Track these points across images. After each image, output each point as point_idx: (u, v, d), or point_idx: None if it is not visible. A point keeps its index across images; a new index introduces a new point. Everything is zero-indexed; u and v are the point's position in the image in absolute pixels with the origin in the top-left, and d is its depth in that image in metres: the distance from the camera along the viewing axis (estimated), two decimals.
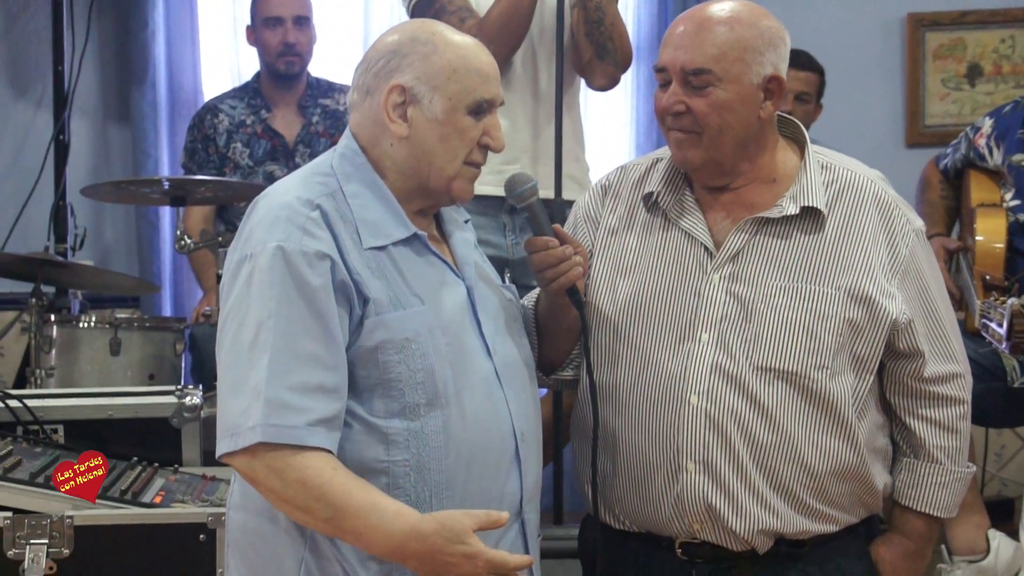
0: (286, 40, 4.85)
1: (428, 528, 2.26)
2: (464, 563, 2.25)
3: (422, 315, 2.39)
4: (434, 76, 2.42)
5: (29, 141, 5.36)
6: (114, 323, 4.30)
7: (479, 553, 2.26)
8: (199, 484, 3.18)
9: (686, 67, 2.59)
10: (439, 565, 2.26)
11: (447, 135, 2.44)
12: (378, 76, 2.45)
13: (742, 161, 2.66)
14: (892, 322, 2.63)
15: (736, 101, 2.60)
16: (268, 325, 2.29)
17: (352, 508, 2.27)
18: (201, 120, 4.97)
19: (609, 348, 2.70)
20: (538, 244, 2.57)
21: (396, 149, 2.46)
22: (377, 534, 2.27)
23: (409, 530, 2.26)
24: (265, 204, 2.42)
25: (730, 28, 2.59)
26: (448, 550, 2.26)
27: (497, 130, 2.50)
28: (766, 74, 2.61)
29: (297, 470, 2.26)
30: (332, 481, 2.27)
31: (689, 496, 2.61)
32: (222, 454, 2.32)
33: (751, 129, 2.64)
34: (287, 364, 2.28)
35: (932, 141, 5.35)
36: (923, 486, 2.74)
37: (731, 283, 2.63)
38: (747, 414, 2.59)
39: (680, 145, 2.65)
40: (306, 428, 2.27)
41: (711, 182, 2.69)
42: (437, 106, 2.43)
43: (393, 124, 2.44)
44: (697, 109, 2.60)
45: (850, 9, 5.53)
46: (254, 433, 2.26)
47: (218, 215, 4.98)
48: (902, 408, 2.73)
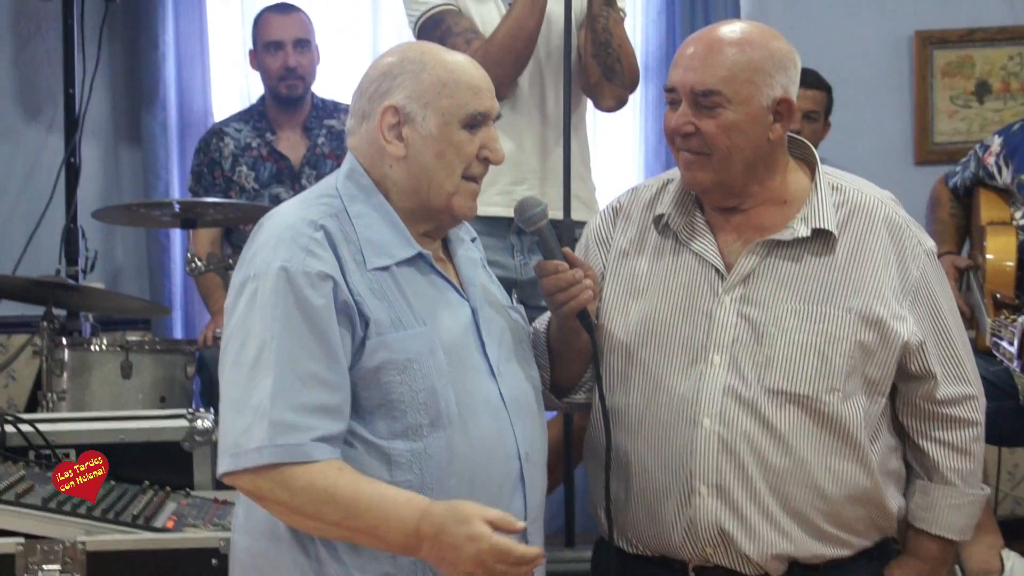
0: (287, 64, 4.85)
1: (438, 508, 2.27)
2: (468, 545, 2.23)
3: (424, 336, 2.40)
4: (424, 93, 2.44)
5: (40, 164, 5.37)
6: (125, 346, 4.31)
7: (484, 536, 2.23)
8: (211, 508, 3.18)
9: (696, 88, 2.59)
10: (446, 549, 2.25)
11: (443, 151, 2.45)
12: (372, 100, 2.47)
13: (752, 183, 2.66)
14: (904, 344, 2.62)
15: (745, 123, 2.60)
16: (271, 345, 2.31)
17: (363, 503, 2.28)
18: (207, 144, 4.98)
19: (621, 371, 2.70)
20: (548, 268, 2.58)
21: (395, 170, 2.47)
22: (391, 524, 2.27)
23: (421, 513, 2.26)
24: (270, 225, 2.44)
25: (740, 50, 2.59)
26: (454, 531, 2.24)
27: (495, 142, 2.50)
28: (776, 96, 2.61)
29: (303, 476, 2.27)
30: (338, 482, 2.28)
31: (702, 520, 2.60)
32: (224, 473, 2.33)
33: (760, 151, 2.63)
34: (290, 384, 2.29)
35: (941, 158, 5.35)
36: (937, 509, 2.73)
37: (742, 305, 2.63)
38: (759, 437, 2.58)
39: (689, 166, 2.65)
40: (310, 444, 2.28)
41: (721, 203, 2.69)
42: (431, 122, 2.44)
43: (390, 145, 2.45)
44: (706, 130, 2.59)
45: (858, 27, 5.53)
46: (260, 455, 2.27)
47: (226, 238, 4.98)
48: (915, 430, 2.72)
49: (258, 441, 2.27)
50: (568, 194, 3.73)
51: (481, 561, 2.23)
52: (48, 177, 5.19)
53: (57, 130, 5.26)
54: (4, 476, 3.04)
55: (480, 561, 2.23)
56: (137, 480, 3.26)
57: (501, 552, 2.23)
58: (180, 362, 4.41)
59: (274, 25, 4.89)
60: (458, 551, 2.24)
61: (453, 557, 2.25)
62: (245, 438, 2.29)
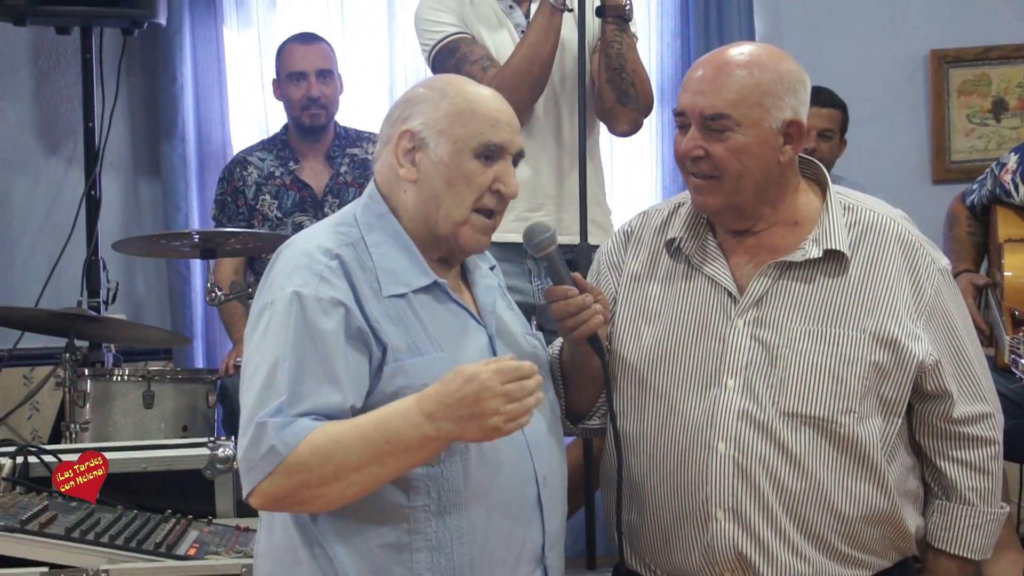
0: (310, 94, 4.88)
1: (431, 387, 2.30)
2: (469, 386, 2.25)
3: (440, 362, 2.41)
4: (440, 120, 2.47)
5: (61, 197, 5.41)
6: (147, 376, 4.33)
7: (477, 369, 2.26)
8: (233, 535, 3.19)
9: (704, 112, 2.59)
10: (456, 407, 2.26)
11: (453, 179, 2.47)
12: (393, 125, 2.51)
13: (763, 205, 2.66)
14: (919, 364, 2.61)
15: (755, 146, 2.59)
16: (283, 367, 2.34)
17: (366, 430, 2.30)
18: (231, 173, 5.00)
19: (634, 396, 2.70)
20: (557, 293, 2.58)
21: (408, 195, 2.50)
22: (398, 427, 2.29)
23: (416, 399, 2.30)
24: (287, 253, 2.47)
25: (749, 72, 2.59)
26: (451, 388, 2.27)
27: (510, 176, 2.51)
28: (785, 118, 2.60)
29: (305, 447, 2.28)
30: (336, 429, 2.31)
31: (719, 544, 2.60)
32: (248, 492, 2.35)
33: (771, 173, 2.63)
34: (295, 401, 2.32)
35: (959, 177, 5.34)
36: (956, 528, 2.72)
37: (756, 328, 2.63)
38: (775, 460, 2.58)
39: (699, 190, 2.65)
40: (308, 420, 2.31)
41: (732, 226, 2.69)
42: (443, 149, 2.47)
43: (402, 168, 2.49)
44: (716, 154, 2.59)
45: (873, 47, 5.53)
46: (273, 454, 2.29)
47: (248, 266, 5.00)
48: (932, 450, 2.72)
49: (265, 446, 2.30)
50: (584, 218, 3.74)
51: (490, 391, 2.24)
52: (69, 210, 5.24)
53: (77, 163, 5.30)
54: (28, 506, 3.06)
55: (490, 392, 2.24)
56: (159, 508, 3.27)
57: (503, 370, 2.26)
58: (202, 391, 4.43)
59: (297, 55, 4.93)
60: (465, 399, 2.25)
61: (467, 409, 2.26)
62: (253, 450, 2.32)
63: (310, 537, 2.42)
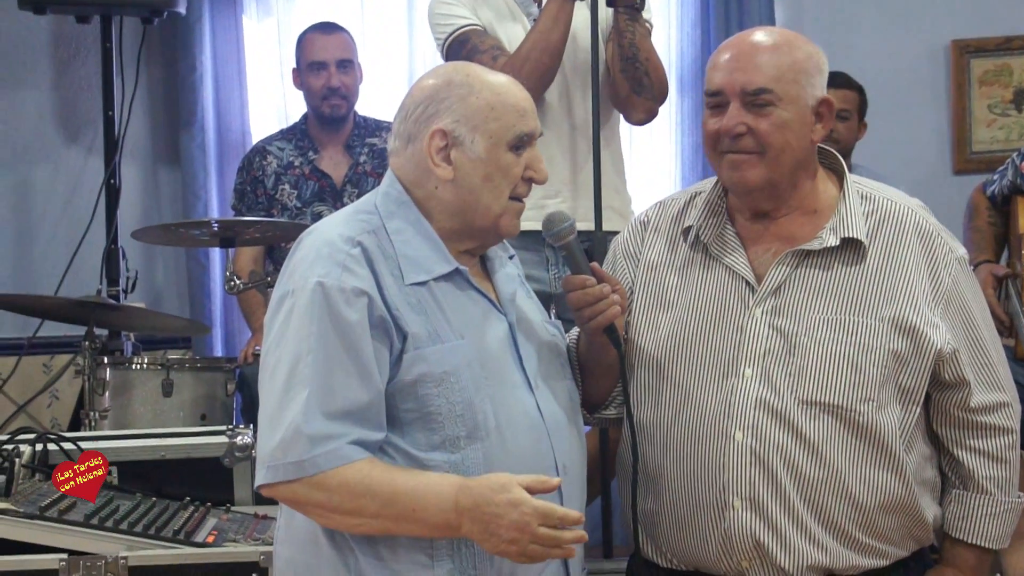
0: (330, 84, 4.88)
1: (474, 481, 2.30)
2: (510, 511, 2.26)
3: (461, 349, 2.41)
4: (473, 116, 2.45)
5: (81, 186, 5.43)
6: (166, 364, 4.33)
7: (525, 500, 2.26)
8: (251, 523, 3.20)
9: (747, 87, 2.60)
10: (488, 518, 2.27)
11: (491, 173, 2.47)
12: (418, 122, 2.49)
13: (794, 185, 2.67)
14: (937, 352, 2.61)
15: (795, 122, 2.61)
16: (307, 359, 2.34)
17: (399, 488, 2.31)
18: (250, 162, 5.01)
19: (651, 385, 2.70)
20: (575, 283, 2.57)
21: (442, 191, 2.49)
22: (429, 503, 2.30)
23: (458, 487, 2.29)
24: (308, 242, 2.47)
25: (785, 50, 2.62)
26: (494, 499, 2.27)
27: (539, 162, 2.52)
28: (818, 96, 2.64)
29: (337, 475, 2.30)
30: (372, 474, 2.31)
31: (737, 533, 2.60)
32: (261, 484, 2.36)
33: (805, 152, 2.65)
34: (324, 397, 2.32)
35: (980, 167, 5.32)
36: (973, 518, 2.72)
37: (773, 317, 2.62)
38: (793, 449, 2.57)
39: (738, 167, 2.64)
40: (346, 447, 2.31)
41: (761, 206, 2.69)
42: (479, 146, 2.46)
43: (438, 168, 2.47)
44: (759, 129, 2.60)
45: (894, 37, 5.51)
46: (300, 468, 2.30)
47: (267, 255, 5.01)
48: (949, 439, 2.71)
49: (296, 456, 2.30)
50: (599, 206, 3.73)
51: (525, 525, 2.25)
52: (88, 199, 5.25)
53: (97, 152, 5.31)
54: (48, 493, 3.07)
55: (524, 525, 2.25)
56: (178, 496, 3.29)
57: (544, 513, 2.26)
58: (220, 380, 4.44)
59: (318, 45, 4.93)
60: (500, 519, 2.26)
61: (495, 526, 2.26)
62: (281, 452, 2.32)
63: None
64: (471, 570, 2.40)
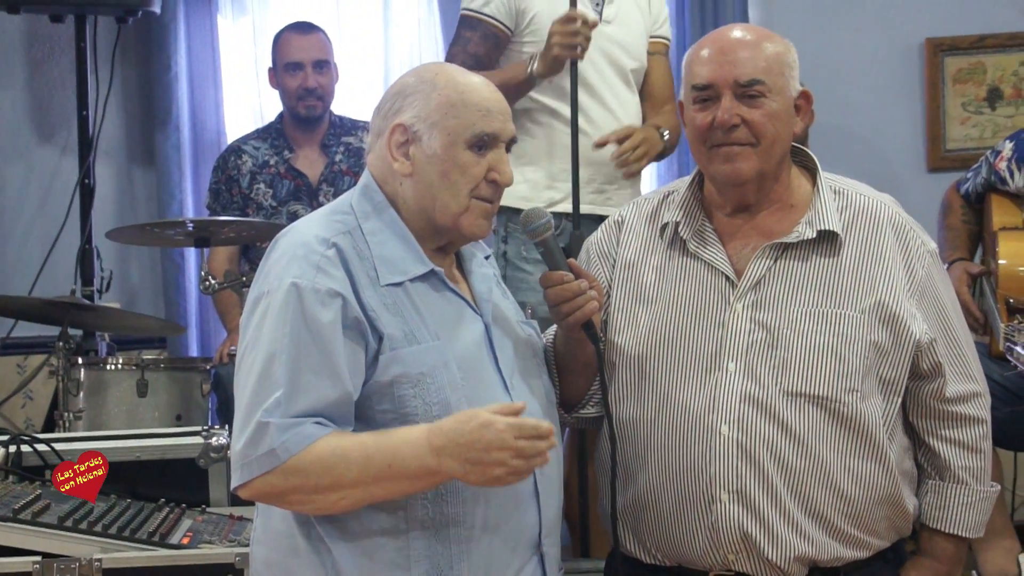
0: (306, 85, 4.88)
1: (443, 420, 2.31)
2: (484, 432, 2.26)
3: (437, 350, 2.41)
4: (432, 113, 2.46)
5: (55, 186, 5.40)
6: (141, 364, 4.32)
7: (493, 420, 2.27)
8: (226, 524, 3.19)
9: (740, 79, 2.62)
10: (465, 448, 2.27)
11: (447, 170, 2.47)
12: (385, 118, 2.50)
13: (775, 179, 2.70)
14: (916, 342, 2.64)
15: (783, 112, 2.65)
16: (280, 359, 2.34)
17: (371, 448, 2.31)
18: (225, 161, 5.00)
19: (632, 382, 2.71)
20: (553, 279, 2.58)
21: (404, 188, 2.50)
22: (403, 453, 2.30)
23: (427, 430, 2.30)
24: (284, 242, 2.47)
25: (770, 44, 2.66)
26: (465, 429, 2.27)
27: (503, 164, 2.51)
28: (799, 89, 2.68)
29: (309, 454, 2.30)
30: (341, 443, 2.32)
31: (724, 526, 2.60)
32: (238, 485, 2.36)
33: (789, 143, 2.69)
34: (293, 396, 2.32)
35: (954, 165, 5.34)
36: (950, 508, 2.74)
37: (755, 311, 2.64)
38: (779, 441, 2.59)
39: (732, 158, 2.65)
40: (311, 426, 2.31)
41: (748, 199, 2.70)
42: (436, 142, 2.46)
43: (396, 163, 2.48)
44: (753, 120, 2.62)
45: (868, 35, 5.52)
46: (273, 456, 2.30)
47: (243, 255, 5.00)
48: (925, 430, 2.73)
49: (267, 446, 2.30)
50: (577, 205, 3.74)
51: (502, 442, 2.26)
52: (63, 198, 5.22)
53: (71, 152, 5.29)
54: (21, 495, 3.06)
55: (501, 442, 2.26)
56: (153, 498, 3.27)
57: (517, 426, 2.27)
58: (196, 380, 4.43)
59: (294, 46, 4.92)
60: (476, 444, 2.26)
61: (475, 453, 2.27)
62: (252, 447, 2.32)
63: (307, 523, 2.42)
64: (447, 570, 2.40)
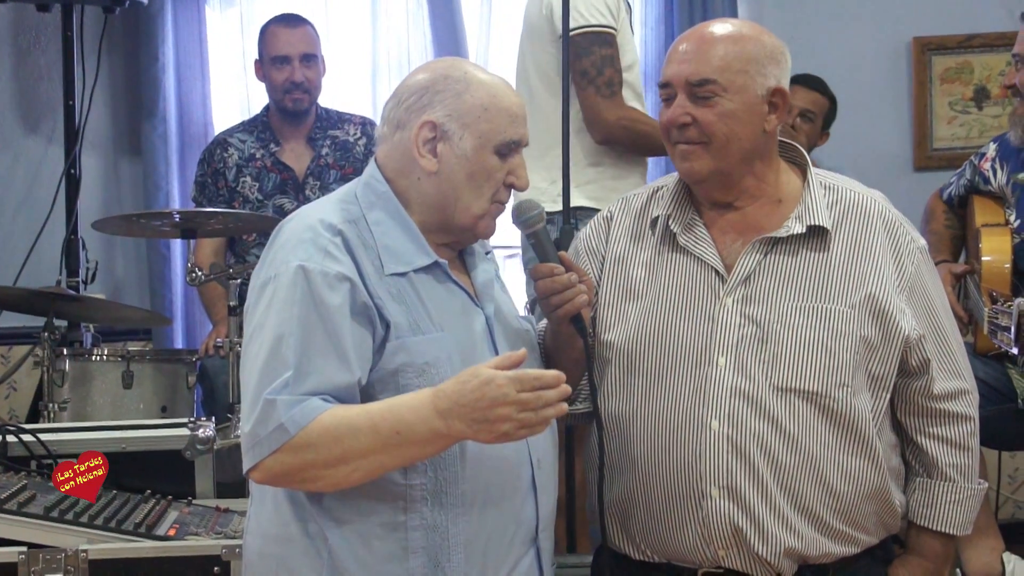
0: (293, 79, 4.86)
1: (446, 384, 2.30)
2: (486, 389, 2.25)
3: (441, 341, 2.42)
4: (465, 114, 2.46)
5: (40, 176, 5.39)
6: (126, 356, 4.32)
7: (493, 375, 2.26)
8: (213, 516, 3.19)
9: (691, 79, 2.63)
10: (470, 408, 2.26)
11: (474, 173, 2.48)
12: (410, 111, 2.48)
13: (748, 175, 2.69)
14: (905, 338, 2.65)
15: (742, 111, 2.63)
16: (288, 342, 2.33)
17: (377, 416, 2.30)
18: (211, 154, 4.99)
19: (622, 377, 2.71)
20: (543, 271, 2.58)
21: (424, 183, 2.49)
22: (410, 419, 2.29)
23: (431, 394, 2.30)
24: (290, 228, 2.47)
25: (733, 42, 2.64)
26: (466, 388, 2.26)
27: (522, 169, 2.53)
28: (770, 86, 2.65)
29: (317, 426, 2.29)
30: (348, 413, 2.31)
31: (715, 522, 2.61)
32: (250, 467, 2.34)
33: (757, 141, 2.67)
34: (302, 377, 2.32)
35: (940, 164, 5.36)
36: (938, 505, 2.75)
37: (745, 306, 2.64)
38: (769, 436, 2.59)
39: (686, 157, 2.67)
40: (317, 400, 2.31)
41: (717, 197, 2.70)
42: (467, 143, 2.46)
43: (423, 159, 2.47)
44: (703, 119, 2.63)
45: (856, 34, 5.54)
46: (282, 431, 2.29)
47: (229, 247, 4.99)
48: (913, 427, 2.74)
49: (275, 422, 2.30)
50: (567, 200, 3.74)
51: (504, 396, 2.25)
52: (48, 189, 5.21)
53: (57, 142, 5.27)
54: (6, 486, 3.05)
55: (503, 397, 2.25)
56: (139, 489, 3.26)
57: (518, 379, 2.26)
58: (181, 371, 4.42)
59: (281, 39, 4.90)
60: (480, 402, 2.25)
61: (480, 412, 2.26)
62: (261, 426, 2.31)
63: (303, 514, 2.42)
64: (445, 561, 2.40)
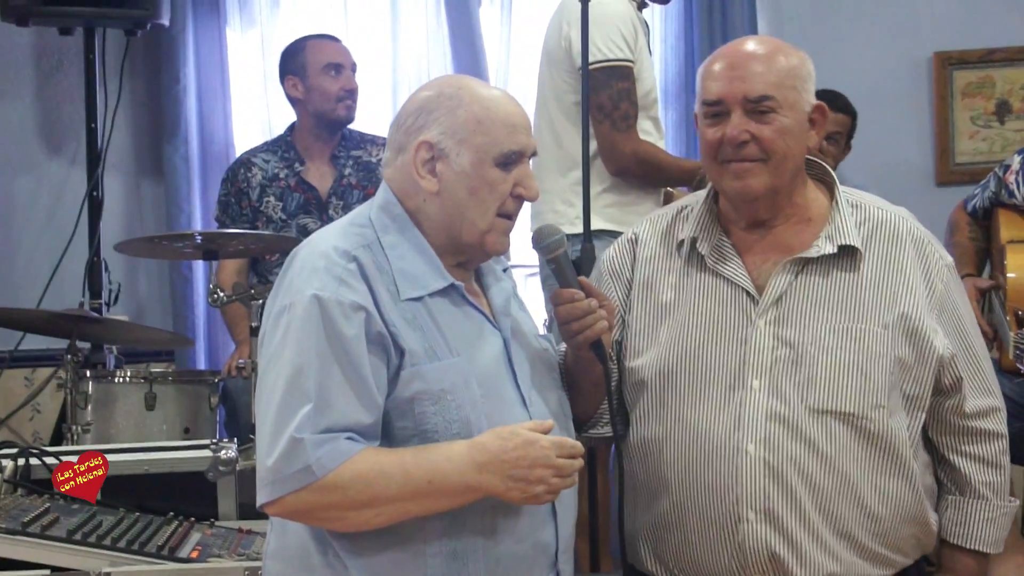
0: (349, 86, 4.88)
1: (483, 437, 2.32)
2: (529, 449, 2.29)
3: (457, 367, 2.39)
4: (459, 129, 2.43)
5: (63, 198, 5.41)
6: (149, 377, 4.32)
7: (537, 438, 2.30)
8: (235, 538, 3.18)
9: (749, 95, 2.60)
10: (509, 465, 2.29)
11: (476, 188, 2.45)
12: (408, 133, 2.47)
13: (791, 193, 2.68)
14: (939, 358, 2.63)
15: (796, 127, 2.62)
16: (306, 374, 2.31)
17: (410, 464, 2.30)
18: (235, 174, 4.99)
19: (654, 400, 2.68)
20: (564, 296, 2.55)
21: (428, 205, 2.47)
22: (445, 469, 2.30)
23: (468, 445, 2.31)
24: (304, 254, 2.44)
25: (784, 57, 2.63)
26: (508, 446, 2.29)
27: (529, 179, 2.49)
28: (813, 103, 2.65)
29: (347, 470, 2.28)
30: (380, 458, 2.31)
31: (751, 546, 2.58)
32: (267, 502, 2.32)
33: (802, 158, 2.67)
34: (323, 411, 2.30)
35: (963, 179, 5.33)
36: (972, 523, 2.73)
37: (778, 327, 2.62)
38: (806, 459, 2.57)
39: (742, 175, 2.63)
40: (345, 442, 2.29)
41: (761, 215, 2.68)
42: (464, 159, 2.43)
43: (423, 180, 2.45)
44: (763, 136, 2.60)
45: (877, 49, 5.53)
46: (308, 473, 2.27)
47: (251, 268, 4.99)
48: (945, 446, 2.72)
49: (301, 463, 2.27)
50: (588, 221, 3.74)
51: (546, 459, 2.30)
52: (71, 211, 5.23)
53: (80, 164, 5.30)
54: (30, 509, 3.05)
55: (545, 459, 2.30)
56: (162, 511, 3.26)
57: (558, 444, 2.32)
58: (204, 393, 4.42)
59: (331, 49, 4.92)
60: (522, 460, 2.29)
61: (519, 471, 2.29)
62: (284, 463, 2.28)
63: (323, 541, 2.39)
64: None
